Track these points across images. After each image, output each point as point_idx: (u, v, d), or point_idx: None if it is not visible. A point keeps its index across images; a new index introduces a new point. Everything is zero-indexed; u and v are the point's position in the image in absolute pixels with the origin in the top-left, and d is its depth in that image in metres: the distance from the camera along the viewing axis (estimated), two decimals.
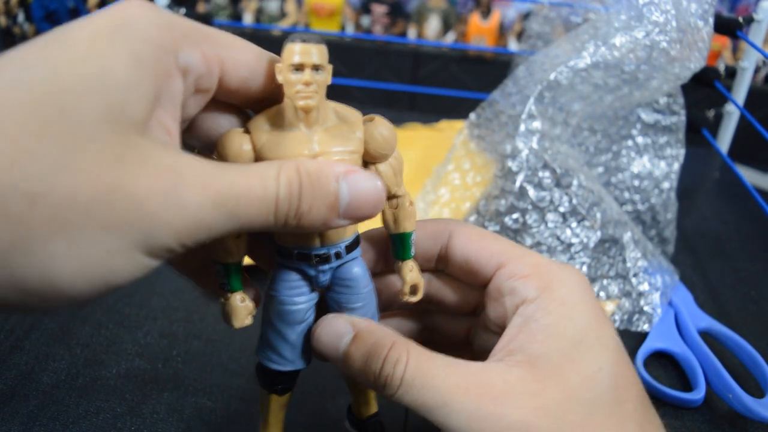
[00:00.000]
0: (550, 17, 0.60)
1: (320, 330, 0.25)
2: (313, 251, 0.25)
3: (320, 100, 0.23)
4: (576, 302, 0.25)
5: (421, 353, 0.24)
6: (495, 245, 0.28)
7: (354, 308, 0.27)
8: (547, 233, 0.45)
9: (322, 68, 0.23)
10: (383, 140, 0.25)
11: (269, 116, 0.24)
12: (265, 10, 0.89)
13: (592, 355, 0.24)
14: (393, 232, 0.27)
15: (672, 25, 0.43)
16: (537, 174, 0.45)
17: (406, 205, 0.27)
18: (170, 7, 0.67)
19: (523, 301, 0.26)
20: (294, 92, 0.23)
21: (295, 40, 0.22)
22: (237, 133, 0.24)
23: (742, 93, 0.61)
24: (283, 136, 0.23)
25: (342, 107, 0.25)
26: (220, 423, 0.35)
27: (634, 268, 0.45)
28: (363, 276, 0.27)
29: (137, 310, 0.43)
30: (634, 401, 0.24)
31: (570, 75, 0.45)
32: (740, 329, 0.42)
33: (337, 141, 0.24)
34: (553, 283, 0.26)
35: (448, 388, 0.23)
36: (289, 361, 0.27)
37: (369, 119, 0.25)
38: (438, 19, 0.84)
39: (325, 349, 0.25)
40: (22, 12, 0.77)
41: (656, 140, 0.53)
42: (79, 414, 0.35)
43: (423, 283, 0.28)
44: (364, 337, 0.25)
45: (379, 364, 0.24)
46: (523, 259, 0.27)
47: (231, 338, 0.41)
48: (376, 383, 0.24)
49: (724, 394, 0.37)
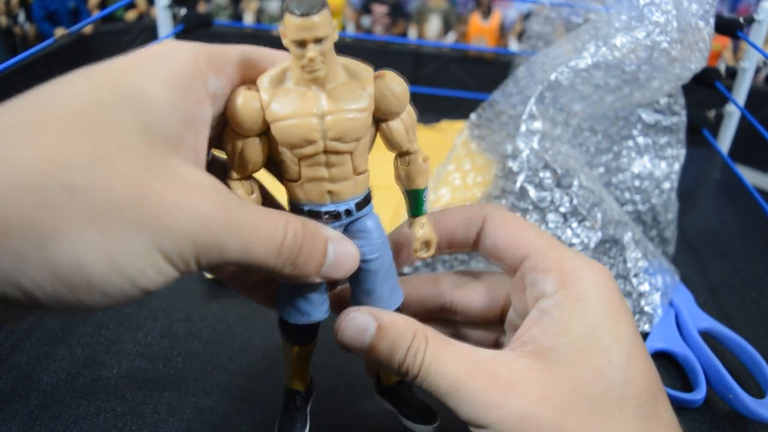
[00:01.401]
0: (551, 17, 0.60)
1: (344, 325, 0.26)
2: (323, 208, 0.25)
3: (328, 63, 0.23)
4: (591, 297, 0.26)
5: (438, 340, 0.25)
6: (523, 235, 0.28)
7: (369, 259, 0.27)
8: (548, 233, 0.45)
9: (325, 39, 0.22)
10: (394, 97, 0.24)
11: (278, 75, 0.24)
12: (265, 10, 0.89)
13: (601, 349, 0.24)
14: (406, 188, 0.27)
15: (673, 26, 0.43)
16: (538, 174, 0.45)
17: (418, 161, 0.27)
18: (171, 7, 0.67)
19: (542, 295, 0.26)
20: (300, 65, 0.23)
21: (294, 12, 0.22)
22: (246, 92, 0.24)
23: (742, 93, 0.61)
24: (292, 95, 0.23)
25: (353, 63, 0.25)
26: (220, 423, 0.35)
27: (635, 268, 0.45)
28: (376, 228, 0.27)
29: (138, 310, 0.43)
30: (646, 396, 0.24)
31: (571, 75, 0.45)
32: (741, 329, 0.42)
33: (347, 99, 0.23)
34: (571, 278, 0.26)
35: (458, 375, 0.24)
36: (307, 314, 0.27)
37: (380, 75, 0.24)
38: (438, 19, 0.84)
39: (350, 342, 0.26)
40: (22, 12, 0.77)
41: (657, 141, 0.53)
42: (79, 414, 0.35)
43: (435, 239, 0.28)
44: (387, 329, 0.26)
45: (402, 354, 0.25)
46: (548, 252, 0.27)
47: (231, 338, 0.41)
48: (400, 371, 0.25)
49: (724, 395, 0.37)
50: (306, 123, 0.23)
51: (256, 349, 0.40)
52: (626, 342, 0.25)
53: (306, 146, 0.24)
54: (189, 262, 0.20)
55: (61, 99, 0.19)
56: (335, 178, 0.25)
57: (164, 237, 0.19)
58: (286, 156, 0.24)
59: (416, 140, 0.26)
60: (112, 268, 0.18)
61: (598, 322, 0.25)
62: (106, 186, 0.18)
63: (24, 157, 0.17)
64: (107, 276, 0.18)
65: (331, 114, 0.23)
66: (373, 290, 0.27)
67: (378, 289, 0.27)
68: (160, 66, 0.21)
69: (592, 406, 0.23)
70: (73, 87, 0.19)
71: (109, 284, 0.18)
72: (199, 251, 0.20)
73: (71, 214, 0.17)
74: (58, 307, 0.18)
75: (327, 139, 0.24)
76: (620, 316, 0.25)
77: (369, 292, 0.27)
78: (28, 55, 0.44)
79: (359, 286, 0.28)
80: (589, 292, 0.26)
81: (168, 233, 0.19)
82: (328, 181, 0.25)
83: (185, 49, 0.22)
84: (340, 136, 0.24)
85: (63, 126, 0.18)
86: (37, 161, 0.17)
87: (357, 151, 0.25)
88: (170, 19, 0.67)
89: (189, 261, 0.20)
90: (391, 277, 0.28)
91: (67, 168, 0.17)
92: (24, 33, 0.76)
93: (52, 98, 0.19)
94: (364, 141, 0.25)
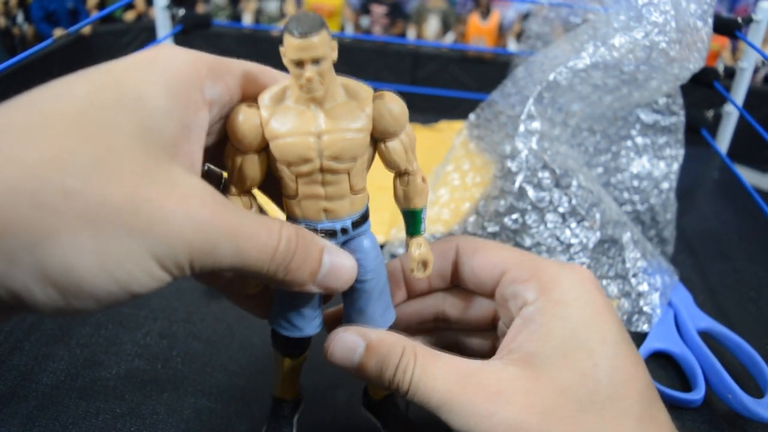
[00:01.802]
0: (550, 18, 0.60)
1: (333, 345, 0.27)
2: (319, 225, 0.26)
3: (327, 83, 0.23)
4: (572, 300, 0.26)
5: (426, 355, 0.26)
6: (497, 254, 0.29)
7: (364, 280, 0.27)
8: (547, 234, 0.45)
9: (323, 59, 0.23)
10: (392, 117, 0.24)
11: (278, 93, 0.24)
12: (264, 11, 0.89)
13: (586, 351, 0.24)
14: (404, 208, 0.28)
15: (671, 26, 0.43)
16: (536, 174, 0.45)
17: (417, 181, 0.27)
18: (169, 8, 0.67)
19: (524, 303, 0.27)
20: (299, 85, 0.23)
21: (293, 33, 0.22)
22: (246, 109, 0.24)
23: (741, 93, 0.61)
24: (291, 113, 0.24)
25: (352, 83, 0.25)
26: (219, 423, 0.35)
27: (634, 268, 0.45)
28: (372, 248, 0.27)
29: (137, 310, 0.43)
30: (634, 396, 0.24)
31: (569, 75, 0.45)
32: (739, 329, 0.42)
33: (345, 118, 0.24)
34: (551, 284, 0.26)
35: (448, 388, 0.24)
36: (299, 329, 0.27)
37: (379, 95, 0.25)
38: (437, 19, 0.84)
39: (340, 362, 0.27)
40: (21, 12, 0.76)
41: (655, 141, 0.53)
42: (78, 415, 0.35)
43: (432, 259, 0.28)
44: (376, 347, 0.26)
45: (392, 371, 0.25)
46: (524, 263, 0.28)
47: (231, 339, 0.41)
48: (390, 387, 0.26)
49: (723, 395, 0.37)
50: (303, 141, 0.24)
51: (256, 350, 0.40)
52: (611, 343, 0.25)
53: (303, 164, 0.24)
54: (183, 267, 0.20)
55: (60, 100, 0.19)
56: (331, 196, 0.25)
57: (159, 242, 0.19)
58: (284, 173, 0.25)
59: (415, 160, 0.27)
60: (103, 272, 0.18)
61: (581, 324, 0.25)
62: (101, 192, 0.18)
63: (22, 158, 0.17)
64: (98, 280, 0.18)
65: (328, 133, 0.24)
66: (365, 310, 0.28)
67: (371, 308, 0.28)
68: (159, 71, 0.21)
69: (581, 408, 0.23)
70: (72, 89, 0.19)
71: (99, 288, 0.18)
72: (194, 256, 0.20)
73: (66, 217, 0.17)
74: (46, 310, 0.18)
75: (323, 158, 0.24)
76: (604, 318, 0.26)
77: (361, 311, 0.28)
78: (27, 55, 0.44)
79: (352, 305, 0.28)
80: (569, 296, 0.26)
81: (163, 239, 0.19)
82: (325, 199, 0.25)
83: (185, 55, 0.22)
84: (337, 156, 0.24)
85: (62, 127, 0.18)
86: (35, 163, 0.17)
87: (354, 170, 0.25)
88: (169, 20, 0.67)
89: (183, 266, 0.20)
90: (384, 297, 0.28)
91: (65, 171, 0.17)
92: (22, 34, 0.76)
93: (51, 99, 0.19)
94: (362, 160, 0.25)
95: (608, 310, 0.26)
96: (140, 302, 0.44)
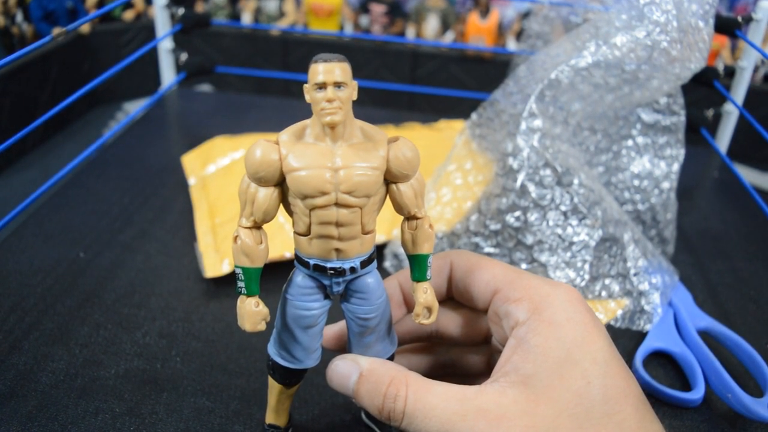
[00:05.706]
0: (550, 17, 0.60)
1: (331, 373, 0.28)
2: (329, 264, 0.27)
3: (345, 116, 0.25)
4: (563, 321, 0.27)
5: (420, 385, 0.26)
6: (489, 272, 0.30)
7: (368, 318, 0.28)
8: (549, 231, 0.45)
9: (344, 85, 0.24)
10: (405, 161, 0.26)
11: (297, 130, 0.26)
12: (263, 10, 0.89)
13: (580, 371, 0.25)
14: (410, 253, 0.28)
15: (673, 25, 0.43)
16: (538, 172, 0.45)
17: (425, 227, 0.28)
18: (169, 7, 0.67)
19: (516, 323, 0.27)
20: (319, 109, 0.24)
21: (318, 61, 0.24)
22: (265, 144, 0.25)
23: (741, 92, 0.61)
24: (309, 148, 0.25)
25: (369, 126, 0.26)
26: (219, 423, 0.35)
27: (635, 267, 0.45)
28: (377, 287, 0.28)
29: (136, 310, 0.43)
30: (628, 410, 0.25)
31: (571, 74, 0.45)
32: (739, 329, 0.42)
33: (360, 156, 0.25)
34: (542, 304, 0.27)
35: (447, 417, 0.25)
36: (299, 361, 0.29)
37: (394, 139, 0.26)
38: (436, 18, 0.84)
39: (338, 389, 0.28)
40: (20, 12, 0.76)
41: (656, 140, 0.53)
42: (77, 414, 0.35)
43: (437, 306, 0.29)
44: (367, 376, 0.27)
45: (380, 400, 0.26)
46: (516, 282, 0.29)
47: (230, 338, 0.41)
48: (381, 417, 0.26)
49: (723, 394, 0.37)
50: (320, 174, 0.25)
51: (255, 350, 0.40)
52: (602, 362, 0.26)
53: (318, 197, 0.25)
54: None
55: None
56: (344, 237, 0.26)
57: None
58: (298, 208, 0.26)
59: (424, 206, 0.28)
60: None
61: (574, 345, 0.26)
62: None
63: None
64: None
65: (344, 169, 0.25)
66: (369, 343, 0.29)
67: (373, 341, 0.29)
68: None
69: (580, 426, 0.24)
70: None
71: None
72: None
73: None
74: None
75: (339, 192, 0.25)
76: (594, 337, 0.26)
77: (367, 345, 0.29)
78: (26, 52, 0.44)
79: (355, 337, 0.29)
80: (561, 317, 0.27)
81: None
82: (337, 240, 0.26)
83: None
84: (352, 190, 0.25)
85: None
86: None
87: (366, 208, 0.26)
88: (168, 19, 0.67)
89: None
90: (387, 329, 0.29)
91: None
92: (22, 33, 0.76)
93: None
94: (374, 200, 0.26)
95: (598, 328, 0.27)
96: (139, 302, 0.44)
